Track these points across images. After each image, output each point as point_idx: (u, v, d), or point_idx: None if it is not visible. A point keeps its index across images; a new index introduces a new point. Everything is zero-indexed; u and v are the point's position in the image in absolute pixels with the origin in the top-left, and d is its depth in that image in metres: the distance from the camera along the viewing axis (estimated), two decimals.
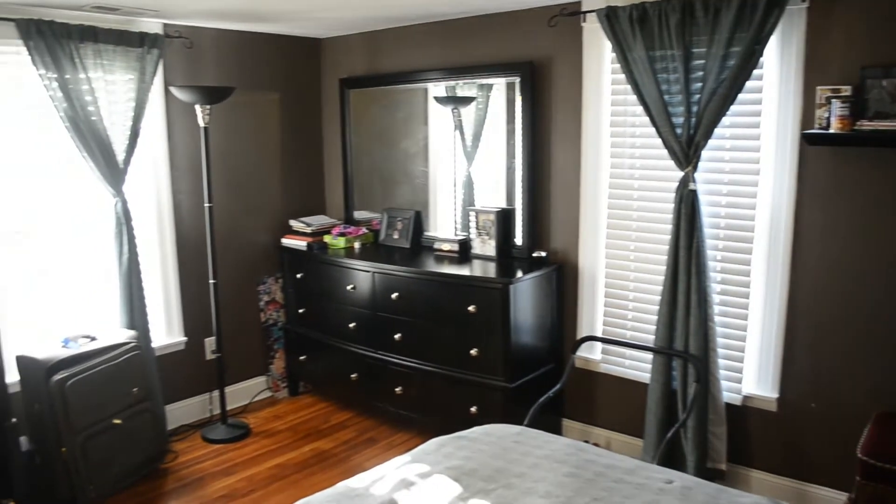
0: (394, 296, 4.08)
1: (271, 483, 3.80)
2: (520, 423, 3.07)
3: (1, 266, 3.65)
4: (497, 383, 3.73)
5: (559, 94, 3.90)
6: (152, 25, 4.07)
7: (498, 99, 4.27)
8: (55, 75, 3.60)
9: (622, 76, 3.49)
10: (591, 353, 3.99)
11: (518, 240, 4.15)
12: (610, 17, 3.41)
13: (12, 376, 3.52)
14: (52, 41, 3.56)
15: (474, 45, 4.20)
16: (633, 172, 3.71)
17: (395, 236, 4.60)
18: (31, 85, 3.65)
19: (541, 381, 3.84)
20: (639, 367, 3.78)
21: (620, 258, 3.81)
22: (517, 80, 4.00)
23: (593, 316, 3.95)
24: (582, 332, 3.96)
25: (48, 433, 3.47)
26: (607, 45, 3.63)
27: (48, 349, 3.57)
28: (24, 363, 3.53)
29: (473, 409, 3.81)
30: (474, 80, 4.30)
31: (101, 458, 3.55)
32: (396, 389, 4.16)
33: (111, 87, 3.84)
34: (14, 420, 3.40)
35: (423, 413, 4.12)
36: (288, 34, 4.81)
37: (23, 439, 3.52)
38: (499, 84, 4.22)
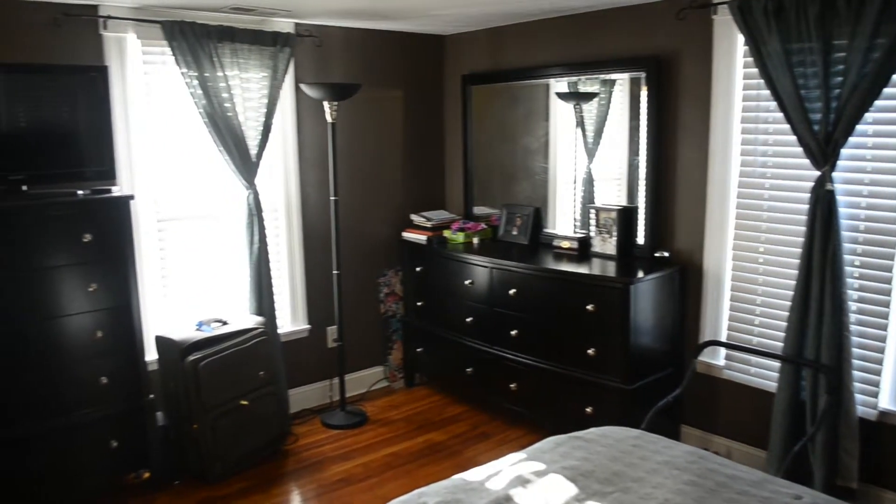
0: (511, 292, 4.08)
1: (386, 471, 3.88)
2: (636, 426, 2.99)
3: (145, 252, 3.91)
4: (614, 384, 3.66)
5: (686, 89, 3.78)
6: (284, 25, 4.24)
7: (621, 95, 4.17)
8: (195, 73, 3.82)
9: (755, 70, 3.34)
10: (714, 359, 3.84)
11: (640, 239, 4.05)
12: (743, 10, 3.26)
13: (151, 355, 3.78)
14: (193, 41, 3.78)
15: (598, 39, 4.13)
16: (765, 171, 3.54)
17: (514, 232, 4.59)
18: (174, 83, 3.90)
19: (659, 385, 3.74)
20: (764, 375, 3.61)
21: (748, 260, 3.65)
22: (643, 75, 3.90)
23: (717, 320, 3.81)
24: (704, 337, 3.83)
25: (181, 410, 3.70)
26: (739, 39, 3.48)
27: (184, 331, 3.80)
28: (162, 343, 3.78)
29: (588, 409, 3.75)
30: (597, 76, 4.23)
31: (228, 436, 3.74)
32: (511, 385, 4.16)
33: (246, 84, 4.03)
34: (152, 396, 3.65)
35: (537, 411, 4.10)
36: (413, 31, 4.89)
37: (159, 414, 3.76)
38: (622, 79, 4.13)
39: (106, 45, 3.71)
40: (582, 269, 3.88)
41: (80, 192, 3.43)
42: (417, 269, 4.78)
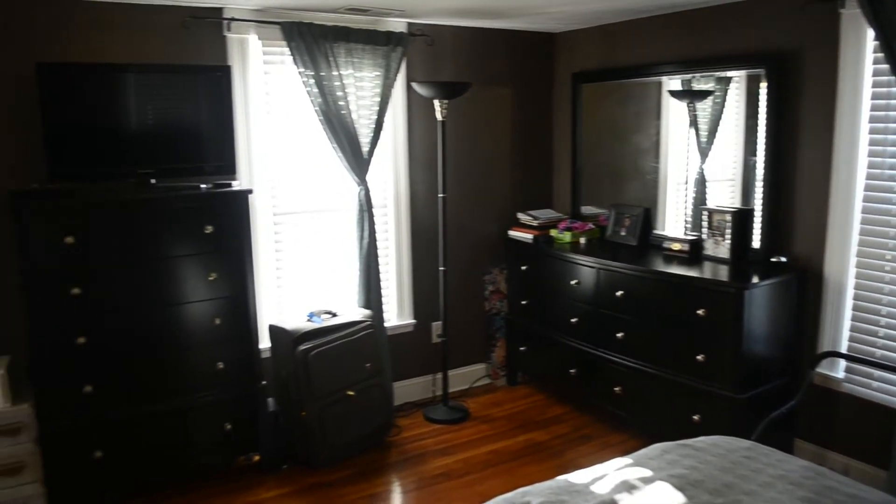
0: (618, 293, 4.01)
1: (486, 468, 3.89)
2: (746, 436, 2.88)
3: (261, 244, 4.07)
4: (723, 393, 3.54)
5: (809, 86, 3.60)
6: (397, 25, 4.31)
7: (737, 92, 4.02)
8: (312, 73, 3.94)
9: (885, 67, 3.15)
10: (833, 371, 3.65)
11: (755, 242, 3.89)
12: (874, 2, 3.08)
13: (264, 343, 3.95)
14: (310, 42, 3.90)
15: (714, 35, 3.99)
16: (895, 173, 3.34)
17: (623, 233, 4.51)
18: (291, 82, 4.05)
19: (772, 395, 3.58)
20: (888, 391, 3.40)
21: (874, 268, 3.45)
22: (762, 71, 3.74)
23: (837, 329, 3.61)
24: (823, 347, 3.64)
25: (291, 397, 3.84)
26: (869, 33, 3.29)
27: (295, 321, 3.94)
28: (275, 332, 3.93)
29: (696, 417, 3.64)
30: (712, 73, 4.09)
31: (335, 424, 3.85)
32: (615, 389, 4.09)
33: (359, 83, 4.13)
34: (264, 383, 3.80)
35: (642, 416, 4.01)
36: (523, 30, 4.88)
37: (270, 401, 3.92)
38: (739, 77, 3.98)
39: (229, 46, 3.89)
40: (693, 273, 3.77)
41: (202, 185, 3.62)
42: (523, 267, 4.77)
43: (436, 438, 4.26)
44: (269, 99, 4.08)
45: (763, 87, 3.75)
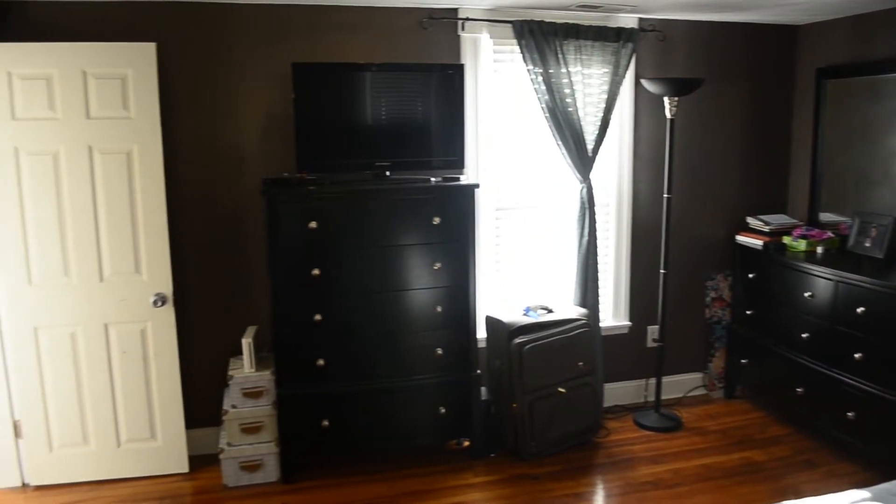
0: (859, 310, 3.65)
1: (697, 482, 3.73)
2: None
3: (483, 237, 4.18)
4: None
5: None
6: (628, 20, 4.23)
7: None
8: (541, 70, 3.98)
9: None
10: None
11: None
12: None
13: (480, 334, 4.05)
14: (540, 39, 3.94)
15: None
16: None
17: (867, 244, 4.10)
18: (519, 79, 4.12)
19: None
20: None
21: None
22: None
23: None
24: None
25: (503, 388, 3.92)
26: None
27: (512, 314, 4.01)
28: (491, 324, 4.03)
29: None
30: None
31: (544, 420, 3.89)
32: (847, 414, 3.73)
33: (587, 80, 4.11)
34: (478, 372, 3.91)
35: (877, 446, 3.61)
36: (762, 22, 4.58)
37: (483, 389, 4.02)
38: None
39: (462, 45, 4.03)
40: None
41: (432, 179, 3.79)
42: (750, 275, 4.49)
43: (645, 445, 4.15)
44: (498, 96, 4.18)
45: None
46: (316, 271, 3.56)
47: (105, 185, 3.52)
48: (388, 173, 3.75)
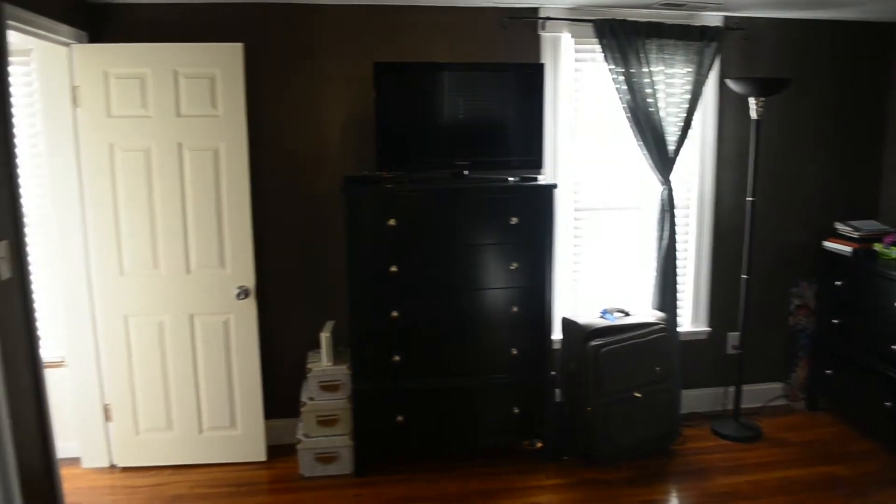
0: None
1: (776, 495, 3.62)
2: None
3: (560, 238, 4.14)
4: None
5: None
6: (712, 19, 4.13)
7: None
8: (622, 70, 3.93)
9: None
10: None
11: None
12: None
13: (556, 335, 4.03)
14: (622, 38, 3.89)
15: None
16: None
17: None
18: (600, 79, 4.08)
19: None
20: None
21: None
22: None
23: None
24: None
25: (578, 391, 3.88)
26: None
27: (588, 317, 3.97)
28: (567, 325, 4.00)
29: None
30: None
31: (619, 423, 3.83)
32: None
33: (669, 80, 4.03)
34: (553, 373, 3.88)
35: None
36: (854, 20, 4.39)
37: (557, 391, 3.99)
38: None
39: (543, 45, 4.02)
40: None
41: (510, 178, 3.78)
42: (837, 283, 4.32)
43: (723, 455, 4.04)
44: (577, 96, 4.14)
45: None
46: (394, 268, 3.60)
47: (193, 180, 3.65)
48: (466, 172, 3.77)
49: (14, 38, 2.96)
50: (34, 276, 2.98)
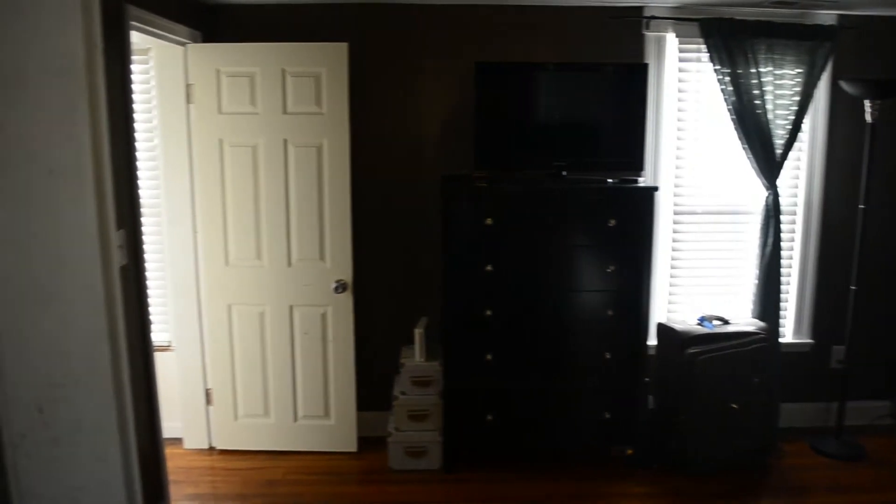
0: None
1: None
2: None
3: (659, 242, 4.05)
4: None
5: None
6: (826, 17, 3.96)
7: None
8: (728, 70, 3.83)
9: None
10: None
11: None
12: None
13: (650, 340, 3.96)
14: (728, 38, 3.79)
15: None
16: None
17: None
18: (704, 80, 3.99)
19: None
20: None
21: None
22: None
23: None
24: None
25: (672, 399, 3.80)
26: None
27: (685, 323, 3.89)
28: (662, 331, 3.92)
29: None
30: None
31: (713, 435, 3.73)
32: None
33: (779, 81, 3.90)
34: (647, 380, 3.82)
35: None
36: None
37: (649, 398, 3.92)
38: None
39: (646, 44, 3.95)
40: None
41: (609, 180, 3.74)
42: None
43: (822, 473, 3.88)
44: (680, 96, 4.05)
45: None
46: (489, 267, 3.62)
47: (296, 176, 3.76)
48: (564, 173, 3.74)
49: (134, 37, 3.12)
50: (147, 263, 3.15)
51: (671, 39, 3.95)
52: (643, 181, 3.81)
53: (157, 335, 3.95)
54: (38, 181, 1.66)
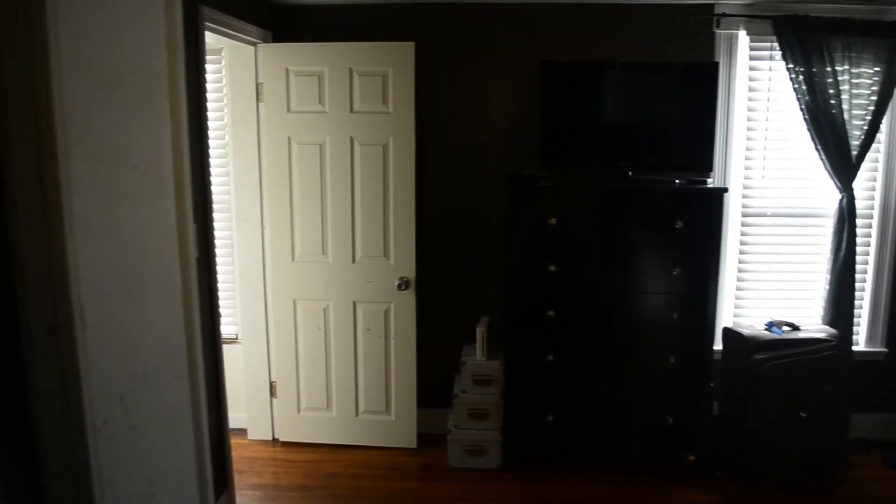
0: None
1: None
2: None
3: (727, 245, 3.96)
4: None
5: None
6: None
7: None
8: (802, 69, 3.73)
9: None
10: None
11: None
12: None
13: (716, 345, 3.87)
14: (803, 36, 3.69)
15: None
16: None
17: None
18: (776, 78, 3.89)
19: None
20: None
21: None
22: None
23: None
24: None
25: (737, 405, 3.71)
26: None
27: (753, 328, 3.79)
28: (729, 336, 3.83)
29: None
30: None
31: (780, 444, 3.63)
32: None
33: (855, 80, 3.77)
34: (712, 385, 3.74)
35: None
36: None
37: (714, 404, 3.84)
38: None
39: (717, 42, 3.87)
40: None
41: (676, 181, 3.68)
42: None
43: (893, 486, 3.75)
44: (751, 95, 3.96)
45: None
46: (552, 267, 3.60)
47: (362, 174, 3.80)
48: (630, 173, 3.70)
49: (207, 38, 3.20)
50: (216, 258, 3.23)
51: (742, 37, 3.86)
52: (711, 182, 3.74)
53: (225, 328, 4.05)
54: (125, 176, 1.72)
